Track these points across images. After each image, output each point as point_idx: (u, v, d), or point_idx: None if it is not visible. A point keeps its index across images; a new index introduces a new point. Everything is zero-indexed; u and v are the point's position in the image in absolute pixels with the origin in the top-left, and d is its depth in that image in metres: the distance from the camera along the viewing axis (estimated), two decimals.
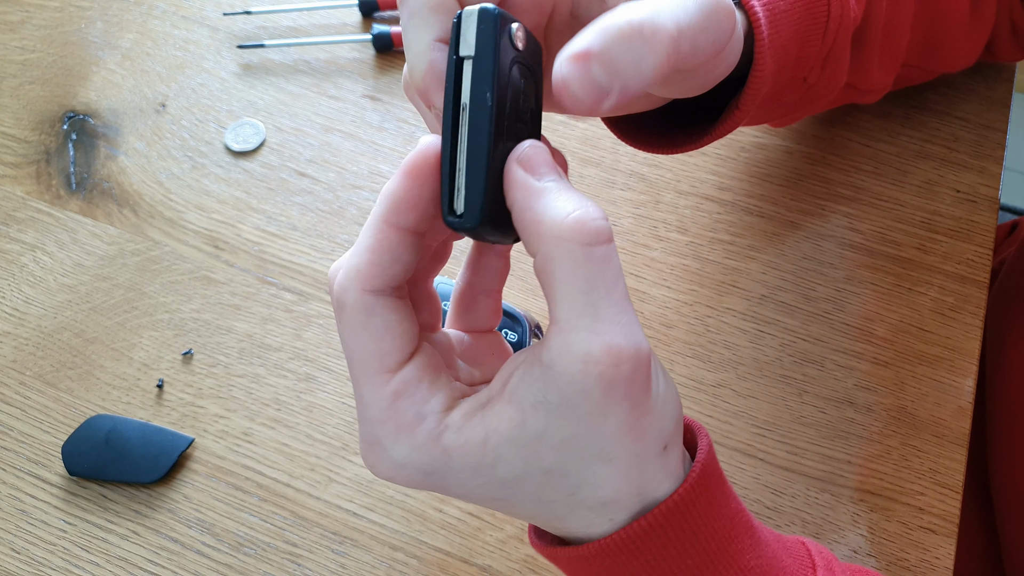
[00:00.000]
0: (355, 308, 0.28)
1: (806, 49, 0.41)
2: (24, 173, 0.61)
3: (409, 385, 0.28)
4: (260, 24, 0.67)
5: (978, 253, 0.56)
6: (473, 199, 0.27)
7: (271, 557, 0.47)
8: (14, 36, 0.67)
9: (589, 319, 0.26)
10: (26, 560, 0.47)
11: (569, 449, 0.28)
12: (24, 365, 0.53)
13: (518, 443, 0.28)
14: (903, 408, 0.51)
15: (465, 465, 0.28)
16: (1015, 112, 0.70)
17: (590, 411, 0.27)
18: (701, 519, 0.31)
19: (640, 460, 0.29)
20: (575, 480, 0.29)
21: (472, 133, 0.27)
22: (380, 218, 0.28)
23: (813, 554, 0.35)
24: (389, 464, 0.29)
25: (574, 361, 0.26)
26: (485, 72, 0.27)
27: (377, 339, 0.28)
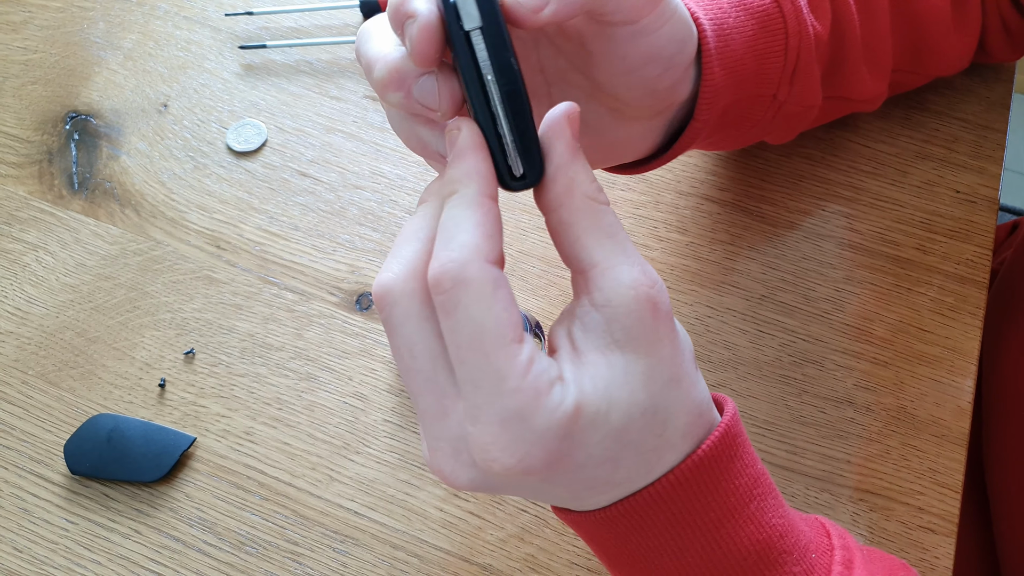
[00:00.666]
0: (484, 281, 0.28)
1: (766, 65, 0.43)
2: (26, 173, 0.61)
3: (535, 351, 0.29)
4: (262, 25, 0.67)
5: (977, 253, 0.56)
6: (533, 158, 0.29)
7: (272, 556, 0.47)
8: (16, 36, 0.67)
9: (622, 255, 0.30)
10: (28, 559, 0.48)
11: (649, 381, 0.30)
12: (27, 364, 0.53)
13: (616, 382, 0.29)
14: (903, 408, 0.51)
15: (589, 420, 0.29)
16: (1014, 113, 0.70)
17: (649, 339, 0.29)
18: (726, 473, 0.32)
19: (690, 378, 0.31)
20: (663, 415, 0.30)
21: (510, 99, 0.28)
22: (480, 194, 0.29)
23: (828, 527, 0.36)
24: (529, 438, 0.28)
25: (626, 290, 0.29)
26: (499, 38, 0.28)
27: (508, 309, 0.28)
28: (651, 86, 0.37)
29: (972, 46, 0.56)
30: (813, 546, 0.34)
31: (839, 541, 0.35)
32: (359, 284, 0.56)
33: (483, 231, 0.28)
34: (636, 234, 0.57)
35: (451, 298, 0.28)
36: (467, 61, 0.28)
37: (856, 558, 0.35)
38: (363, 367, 0.53)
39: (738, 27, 0.41)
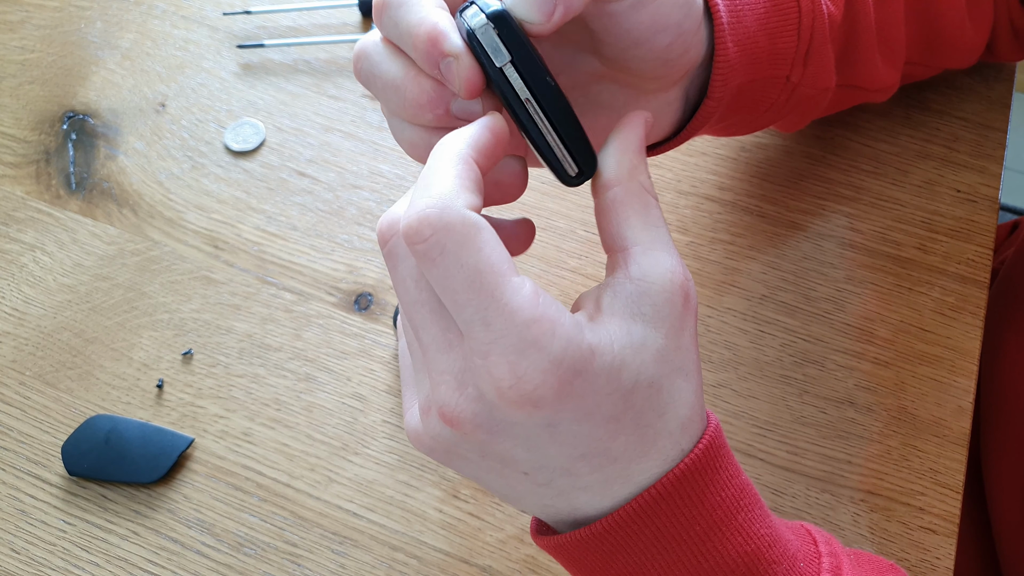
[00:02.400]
0: (466, 224, 0.27)
1: (779, 44, 0.42)
2: (24, 173, 0.61)
3: (537, 288, 0.28)
4: (260, 24, 0.67)
5: (978, 253, 0.56)
6: (586, 157, 0.31)
7: (271, 557, 0.47)
8: (13, 36, 0.67)
9: (665, 243, 0.31)
10: (26, 560, 0.47)
11: (662, 360, 0.30)
12: (24, 365, 0.53)
13: (631, 348, 0.29)
14: (903, 408, 0.51)
15: (602, 366, 0.29)
16: (1015, 112, 0.70)
17: (674, 325, 0.30)
18: (710, 486, 0.32)
19: (697, 378, 0.32)
20: (667, 396, 0.31)
21: (555, 113, 0.30)
22: (465, 153, 0.29)
23: (814, 533, 0.36)
24: (544, 365, 0.27)
25: (664, 271, 0.30)
26: (533, 66, 0.30)
27: (497, 247, 0.28)
28: (663, 56, 0.36)
29: (984, 39, 0.56)
30: (801, 555, 0.34)
31: (826, 548, 0.35)
32: (357, 284, 0.55)
33: (462, 183, 0.28)
34: None
35: (434, 245, 0.27)
36: (507, 90, 0.30)
37: (844, 564, 0.34)
38: (362, 368, 0.53)
39: (750, 3, 0.40)
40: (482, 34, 0.30)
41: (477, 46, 0.30)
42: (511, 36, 0.30)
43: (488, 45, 0.30)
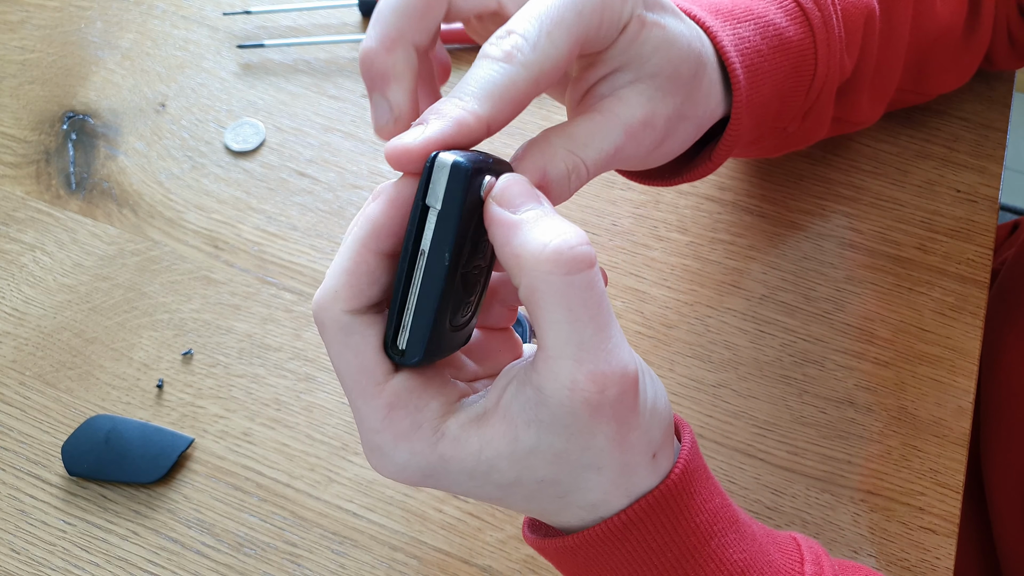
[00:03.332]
0: (335, 328, 0.29)
1: (788, 104, 0.42)
2: (24, 173, 0.61)
3: (401, 396, 0.29)
4: (260, 24, 0.67)
5: (978, 253, 0.56)
6: (416, 344, 0.29)
7: (271, 557, 0.47)
8: (14, 36, 0.67)
9: (574, 347, 0.27)
10: (26, 560, 0.47)
11: (560, 461, 0.29)
12: (24, 365, 0.53)
13: (512, 457, 0.29)
14: (903, 408, 0.51)
15: (461, 470, 0.29)
16: (1015, 112, 0.70)
17: (579, 430, 0.28)
18: (682, 514, 0.32)
19: (629, 469, 0.30)
20: (566, 487, 0.30)
21: (425, 285, 0.28)
22: (359, 242, 0.28)
23: (803, 549, 0.36)
24: (391, 467, 0.30)
25: (561, 388, 0.27)
26: (447, 233, 0.28)
27: (360, 356, 0.29)
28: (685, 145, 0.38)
29: (975, 64, 0.56)
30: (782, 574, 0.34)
31: (812, 568, 0.35)
32: None
33: (348, 280, 0.28)
34: (636, 233, 0.57)
35: (321, 335, 0.29)
36: (412, 225, 0.28)
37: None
38: None
39: (771, 71, 0.40)
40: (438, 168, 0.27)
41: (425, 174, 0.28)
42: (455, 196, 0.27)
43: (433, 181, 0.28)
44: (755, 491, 0.48)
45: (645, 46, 0.33)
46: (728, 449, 0.50)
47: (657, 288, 0.55)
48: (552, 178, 0.31)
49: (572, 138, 0.32)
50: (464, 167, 0.27)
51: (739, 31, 0.38)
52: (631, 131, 0.33)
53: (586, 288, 0.27)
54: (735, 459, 0.50)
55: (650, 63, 0.33)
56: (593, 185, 0.59)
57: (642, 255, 0.56)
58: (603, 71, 0.33)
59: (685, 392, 0.52)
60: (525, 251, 0.27)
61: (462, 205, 0.28)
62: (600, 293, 0.28)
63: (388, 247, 0.29)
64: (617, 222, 0.57)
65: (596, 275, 0.27)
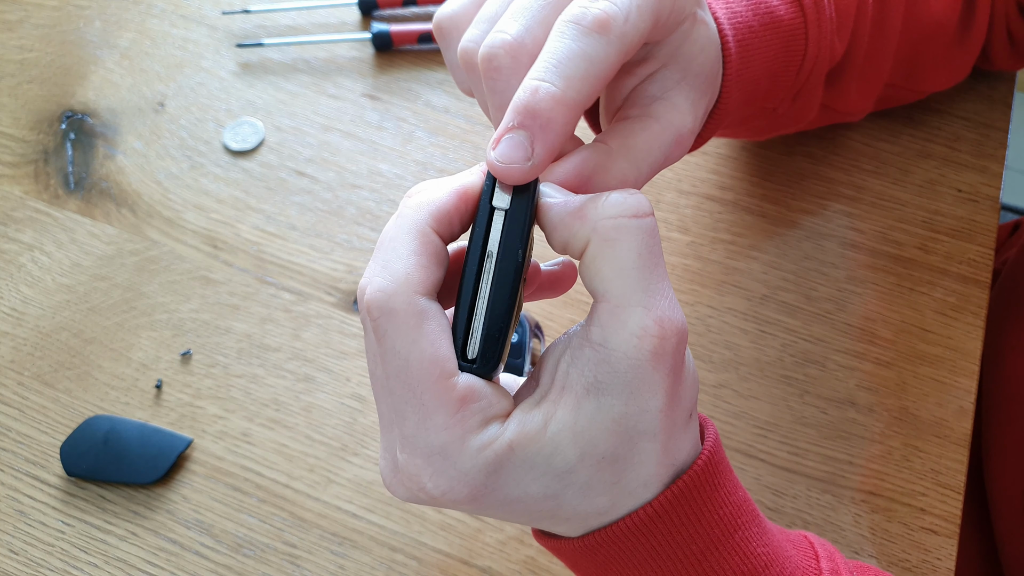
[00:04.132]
0: (409, 313, 0.27)
1: (777, 83, 0.42)
2: (22, 173, 0.60)
3: (475, 390, 0.28)
4: (259, 23, 0.67)
5: (980, 253, 0.55)
6: (491, 353, 0.28)
7: (270, 558, 0.47)
8: (12, 35, 0.67)
9: (642, 294, 0.27)
10: (24, 561, 0.47)
11: (620, 430, 0.28)
12: (22, 365, 0.53)
13: (574, 430, 0.28)
14: (905, 409, 0.51)
15: (525, 458, 0.28)
16: (1016, 111, 0.70)
17: (639, 386, 0.28)
18: (707, 504, 0.31)
19: (676, 430, 0.30)
20: (623, 464, 0.29)
21: (496, 286, 0.28)
22: (424, 224, 0.28)
23: (816, 546, 0.36)
24: (451, 475, 0.28)
25: (629, 336, 0.27)
26: (517, 230, 0.28)
27: (436, 343, 0.28)
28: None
29: (970, 62, 0.55)
30: (800, 572, 0.33)
31: (827, 564, 0.35)
32: (357, 284, 0.55)
33: (417, 260, 0.28)
34: None
35: (380, 326, 0.28)
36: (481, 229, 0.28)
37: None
38: (361, 368, 0.52)
39: (762, 47, 0.39)
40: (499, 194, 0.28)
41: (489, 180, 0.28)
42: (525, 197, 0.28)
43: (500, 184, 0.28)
44: (756, 492, 0.48)
45: (695, 44, 0.33)
46: (729, 450, 0.50)
47: None
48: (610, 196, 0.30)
49: (632, 151, 0.31)
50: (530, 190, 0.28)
51: (732, 6, 0.39)
52: (680, 140, 0.32)
53: (652, 233, 0.28)
54: (736, 460, 0.49)
55: (696, 62, 0.33)
56: None
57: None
58: (653, 66, 0.33)
59: None
60: (590, 206, 0.28)
61: (531, 205, 0.28)
62: (659, 243, 0.28)
63: (451, 232, 0.29)
64: None
65: (656, 224, 0.28)
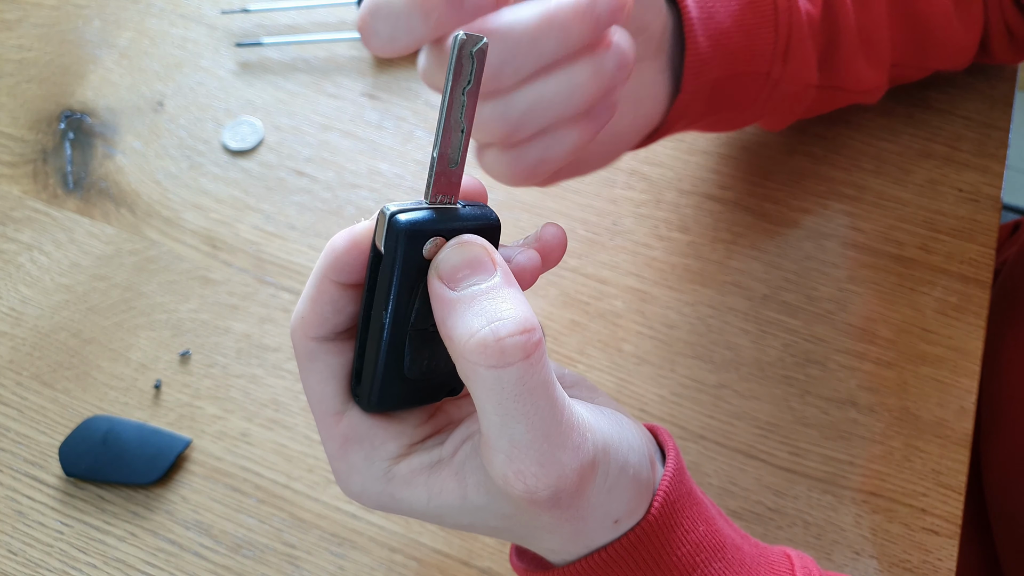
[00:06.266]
0: (300, 352, 0.29)
1: (756, 41, 0.43)
2: (21, 172, 0.60)
3: (357, 431, 0.29)
4: (258, 22, 0.67)
5: (981, 253, 0.55)
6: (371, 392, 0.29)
7: (269, 559, 0.47)
8: (11, 34, 0.66)
9: (506, 442, 0.26)
10: (23, 561, 0.47)
11: (511, 522, 0.29)
12: (21, 365, 0.53)
13: (461, 510, 0.29)
14: (906, 409, 0.50)
15: (412, 510, 0.30)
16: (1018, 111, 0.69)
17: (523, 510, 0.28)
18: (663, 548, 0.31)
19: (584, 535, 0.30)
20: (520, 534, 0.30)
21: (372, 333, 0.28)
22: (321, 271, 0.28)
23: (796, 567, 0.35)
24: (347, 492, 0.30)
25: (497, 476, 0.27)
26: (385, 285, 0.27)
27: (322, 383, 0.29)
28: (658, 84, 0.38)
29: (975, 40, 0.55)
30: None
31: (803, 572, 0.34)
32: None
33: (312, 307, 0.29)
34: (637, 233, 0.57)
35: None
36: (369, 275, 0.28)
37: None
38: None
39: (724, 2, 0.41)
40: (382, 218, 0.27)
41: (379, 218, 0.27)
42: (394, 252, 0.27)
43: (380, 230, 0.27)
44: (757, 492, 0.48)
45: None
46: (729, 450, 0.50)
47: (658, 288, 0.55)
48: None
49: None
50: (402, 227, 0.26)
51: None
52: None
53: (517, 383, 0.25)
54: (736, 460, 0.49)
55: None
56: (594, 184, 0.59)
57: (643, 255, 0.56)
58: None
59: (686, 393, 0.51)
60: (455, 334, 0.25)
61: (403, 261, 0.27)
62: (539, 385, 0.25)
63: (349, 280, 0.28)
64: (618, 222, 0.57)
65: (533, 366, 0.25)
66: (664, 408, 0.51)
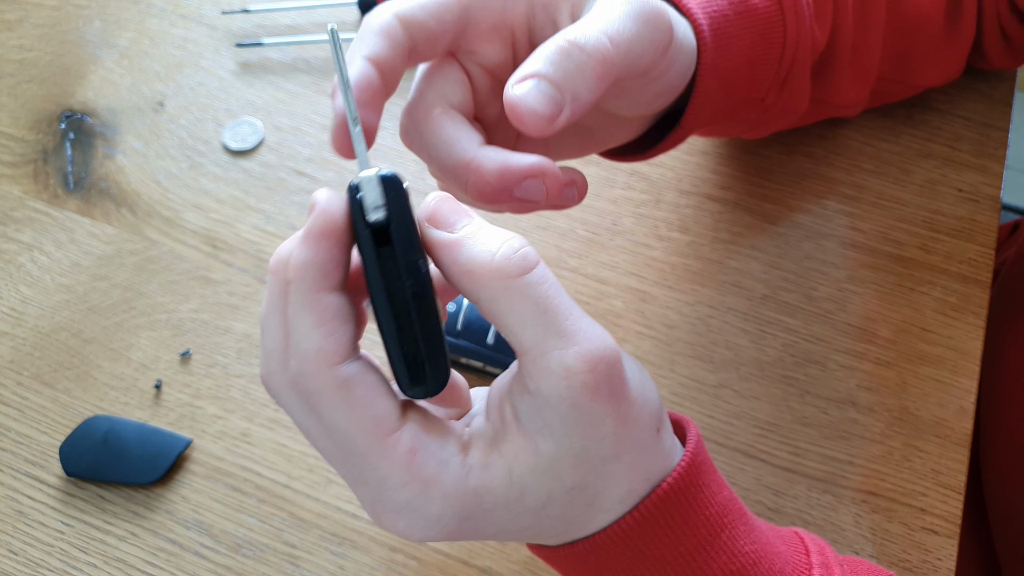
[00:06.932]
0: (333, 388, 0.27)
1: (759, 72, 0.42)
2: (21, 172, 0.60)
3: (419, 438, 0.28)
4: (258, 22, 0.67)
5: (980, 253, 0.55)
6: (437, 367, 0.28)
7: (269, 558, 0.47)
8: (11, 35, 0.66)
9: (555, 338, 0.27)
10: (23, 561, 0.47)
11: (582, 462, 0.29)
12: (21, 365, 0.53)
13: (538, 470, 0.28)
14: (905, 409, 0.51)
15: (496, 502, 0.28)
16: (1017, 111, 0.70)
17: (586, 420, 0.28)
18: (692, 506, 0.32)
19: (642, 447, 0.30)
20: (594, 489, 0.30)
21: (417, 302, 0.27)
22: (312, 290, 0.27)
23: (807, 542, 0.36)
24: (424, 524, 0.28)
25: (557, 380, 0.27)
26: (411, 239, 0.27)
27: (370, 407, 0.27)
28: (652, 107, 0.38)
29: (962, 58, 0.55)
30: (790, 567, 0.34)
31: (818, 559, 0.35)
32: None
33: (323, 331, 0.27)
34: (637, 233, 0.57)
35: (312, 405, 0.28)
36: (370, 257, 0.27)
37: (835, 574, 0.34)
38: None
39: (737, 35, 0.40)
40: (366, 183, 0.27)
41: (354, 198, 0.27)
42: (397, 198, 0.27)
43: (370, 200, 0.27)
44: (756, 492, 0.48)
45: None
46: (729, 450, 0.50)
47: (658, 288, 0.55)
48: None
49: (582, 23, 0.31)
50: (396, 177, 0.27)
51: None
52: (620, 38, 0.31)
53: (542, 282, 0.27)
54: (736, 460, 0.49)
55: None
56: (594, 185, 0.59)
57: (643, 255, 0.56)
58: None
59: (686, 392, 0.51)
60: (476, 265, 0.27)
61: (407, 208, 0.27)
62: (554, 284, 0.28)
63: (338, 279, 0.28)
64: (618, 222, 0.57)
65: (545, 269, 0.28)
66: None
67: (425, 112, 0.32)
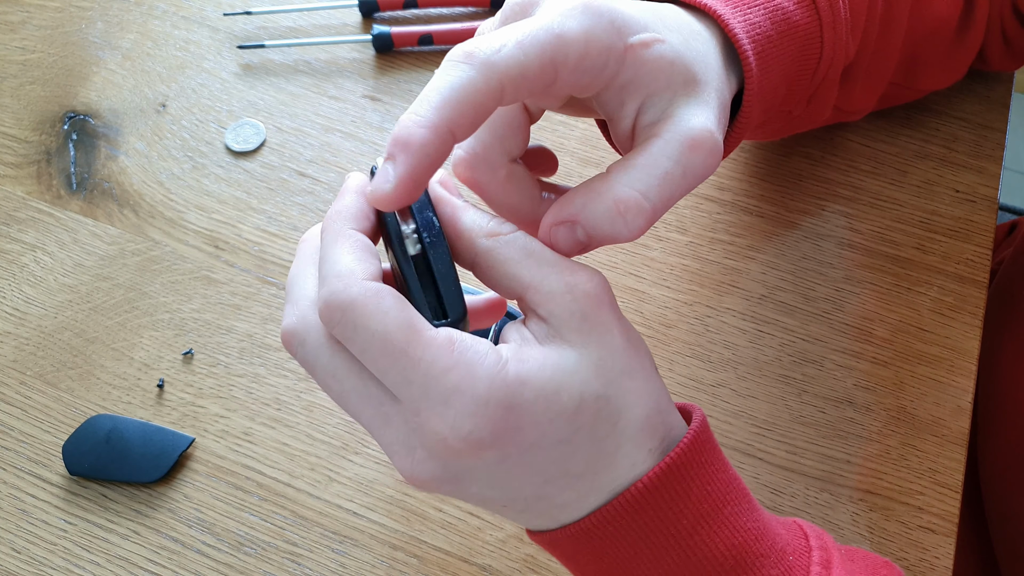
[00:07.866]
0: (368, 295, 0.29)
1: (794, 88, 0.42)
2: (25, 173, 0.61)
3: (456, 333, 0.29)
4: (260, 24, 0.67)
5: (977, 253, 0.56)
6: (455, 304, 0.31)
7: (271, 556, 0.47)
8: (15, 36, 0.67)
9: (548, 267, 0.31)
10: (26, 559, 0.47)
11: (602, 371, 0.30)
12: (25, 365, 0.53)
13: (567, 371, 0.30)
14: (902, 408, 0.51)
15: (537, 394, 0.29)
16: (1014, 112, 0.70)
17: (597, 329, 0.30)
18: (695, 480, 0.32)
19: (648, 373, 0.32)
20: (617, 404, 0.31)
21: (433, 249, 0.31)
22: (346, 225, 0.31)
23: (806, 528, 0.36)
24: (473, 408, 0.28)
25: (562, 296, 0.30)
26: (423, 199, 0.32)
27: (404, 310, 0.29)
28: None
29: (967, 61, 0.56)
30: (790, 548, 0.34)
31: (816, 542, 0.35)
32: None
33: (353, 256, 0.30)
34: None
35: (346, 324, 0.29)
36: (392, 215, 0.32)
37: (834, 558, 0.35)
38: None
39: (780, 55, 0.39)
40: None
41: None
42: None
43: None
44: (754, 490, 0.49)
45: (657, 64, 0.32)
46: (727, 449, 0.50)
47: (656, 288, 0.55)
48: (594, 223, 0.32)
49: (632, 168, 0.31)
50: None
51: (749, 17, 0.38)
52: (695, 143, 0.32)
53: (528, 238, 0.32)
54: (734, 459, 0.50)
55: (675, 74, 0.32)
56: None
57: (641, 255, 0.56)
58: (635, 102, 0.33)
59: (684, 392, 0.52)
60: (475, 225, 0.32)
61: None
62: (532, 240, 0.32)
63: (368, 228, 0.32)
64: None
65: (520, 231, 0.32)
66: None
67: (490, 172, 0.34)
